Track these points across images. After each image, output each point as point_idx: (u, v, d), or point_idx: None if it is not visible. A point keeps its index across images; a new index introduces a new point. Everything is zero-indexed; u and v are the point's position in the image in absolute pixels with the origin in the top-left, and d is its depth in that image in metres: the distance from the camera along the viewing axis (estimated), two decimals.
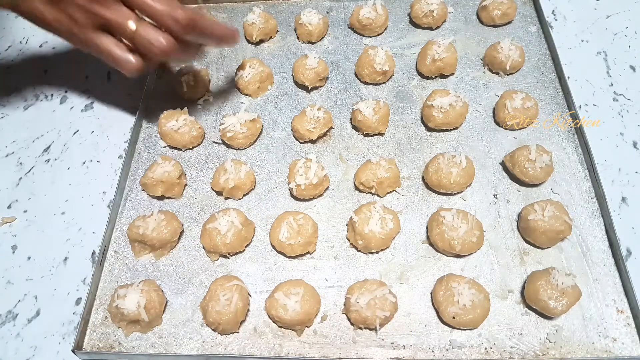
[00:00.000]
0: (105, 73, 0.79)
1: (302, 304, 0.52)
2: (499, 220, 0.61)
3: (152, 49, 0.56)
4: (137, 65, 0.58)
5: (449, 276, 0.54)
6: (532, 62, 0.74)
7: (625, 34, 0.77)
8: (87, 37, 0.57)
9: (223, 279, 0.56)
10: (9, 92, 0.79)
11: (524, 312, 0.54)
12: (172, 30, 0.55)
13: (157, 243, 0.59)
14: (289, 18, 0.83)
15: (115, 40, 0.58)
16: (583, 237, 0.58)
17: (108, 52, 0.58)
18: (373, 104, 0.67)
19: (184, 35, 0.56)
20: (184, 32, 0.56)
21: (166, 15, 0.54)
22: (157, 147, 0.70)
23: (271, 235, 0.59)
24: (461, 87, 0.73)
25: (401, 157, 0.67)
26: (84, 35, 0.57)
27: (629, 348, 0.52)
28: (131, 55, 0.58)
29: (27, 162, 0.71)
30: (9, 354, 0.56)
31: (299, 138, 0.69)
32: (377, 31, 0.79)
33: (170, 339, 0.55)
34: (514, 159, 0.62)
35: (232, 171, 0.62)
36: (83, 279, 0.60)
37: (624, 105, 0.70)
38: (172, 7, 0.54)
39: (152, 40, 0.55)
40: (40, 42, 0.84)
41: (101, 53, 0.58)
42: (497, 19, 0.77)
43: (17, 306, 0.59)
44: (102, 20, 0.56)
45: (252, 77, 0.72)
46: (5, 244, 0.64)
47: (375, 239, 0.57)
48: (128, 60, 0.58)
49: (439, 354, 0.52)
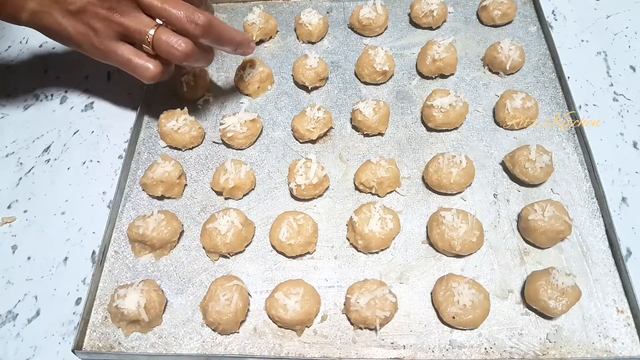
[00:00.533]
0: (105, 73, 0.79)
1: (302, 304, 0.52)
2: (499, 220, 0.61)
3: (174, 52, 0.57)
4: (155, 71, 0.60)
5: (449, 276, 0.54)
6: (532, 62, 0.74)
7: (625, 34, 0.77)
8: (107, 47, 0.59)
9: (223, 279, 0.56)
10: (9, 92, 0.79)
11: (524, 312, 0.54)
12: (191, 34, 0.56)
13: (157, 243, 0.59)
14: (289, 18, 0.83)
15: (134, 48, 0.60)
16: (583, 237, 0.58)
17: (128, 61, 0.59)
18: (373, 104, 0.67)
19: (202, 39, 0.57)
20: (203, 35, 0.57)
21: (185, 20, 0.56)
22: (157, 147, 0.70)
23: (271, 235, 0.59)
24: (461, 87, 0.73)
25: (401, 157, 0.67)
26: (103, 46, 0.59)
27: (629, 348, 0.52)
28: (150, 63, 0.59)
29: (27, 162, 0.71)
30: (9, 354, 0.56)
31: (299, 138, 0.69)
32: (377, 31, 0.79)
33: (170, 339, 0.55)
34: (514, 159, 0.62)
35: (232, 171, 0.62)
36: (83, 279, 0.60)
37: (624, 105, 0.70)
38: (190, 12, 0.56)
39: (173, 44, 0.56)
40: (40, 42, 0.84)
41: (120, 62, 0.60)
42: (497, 19, 0.77)
43: (17, 306, 0.59)
44: (122, 29, 0.58)
45: (252, 77, 0.72)
46: (5, 244, 0.64)
47: (375, 239, 0.57)
48: (147, 67, 0.60)
49: (439, 354, 0.52)
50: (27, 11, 0.58)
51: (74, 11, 0.57)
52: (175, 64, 0.62)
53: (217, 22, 0.58)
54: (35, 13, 0.58)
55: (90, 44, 0.59)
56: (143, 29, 0.57)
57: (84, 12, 0.57)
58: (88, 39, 0.59)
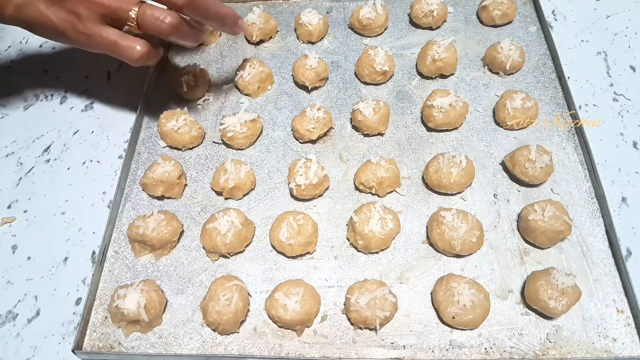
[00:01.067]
0: (105, 73, 0.79)
1: (302, 304, 0.52)
2: (499, 220, 0.61)
3: (160, 26, 0.56)
4: (142, 51, 0.58)
5: (449, 276, 0.54)
6: (532, 62, 0.74)
7: (625, 34, 0.77)
8: (91, 31, 0.58)
9: (223, 279, 0.56)
10: (9, 92, 0.79)
11: (524, 312, 0.54)
12: (175, 4, 0.55)
13: (157, 243, 0.59)
14: (289, 18, 0.83)
15: (119, 31, 0.59)
16: (583, 237, 0.58)
17: (113, 43, 0.58)
18: (373, 104, 0.67)
19: (187, 10, 0.56)
20: (188, 6, 0.56)
21: None
22: (157, 147, 0.70)
23: (271, 235, 0.59)
24: (461, 87, 0.73)
25: (401, 157, 0.67)
26: (87, 30, 0.58)
27: (629, 348, 0.52)
28: (136, 43, 0.58)
29: (27, 162, 0.71)
30: (9, 354, 0.56)
31: (299, 138, 0.69)
32: (377, 31, 0.79)
33: (170, 339, 0.55)
34: (514, 159, 0.62)
35: (232, 171, 0.62)
36: (83, 279, 0.60)
37: (624, 105, 0.70)
38: None
39: (159, 16, 0.56)
40: (40, 42, 0.84)
41: (106, 45, 0.59)
42: (497, 19, 0.77)
43: (17, 306, 0.59)
44: (105, 10, 0.57)
45: (252, 77, 0.72)
46: (5, 244, 0.64)
47: (375, 239, 0.57)
48: (133, 47, 0.58)
49: (439, 354, 0.52)
50: (12, 5, 0.58)
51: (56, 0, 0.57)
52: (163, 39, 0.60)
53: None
54: (19, 6, 0.58)
55: (75, 29, 0.58)
56: (127, 7, 0.56)
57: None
58: (72, 24, 0.58)
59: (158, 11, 0.56)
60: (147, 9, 0.56)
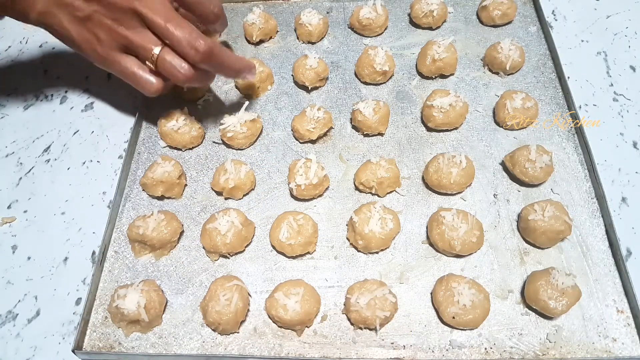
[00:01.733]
0: (105, 73, 0.79)
1: (302, 304, 0.52)
2: (499, 220, 0.61)
3: (176, 75, 0.57)
4: (158, 86, 0.61)
5: (449, 276, 0.54)
6: (532, 62, 0.74)
7: (625, 34, 0.77)
8: (110, 57, 0.59)
9: (223, 279, 0.56)
10: (9, 92, 0.79)
11: (524, 312, 0.54)
12: (191, 59, 0.57)
13: (157, 243, 0.59)
14: (289, 18, 0.83)
15: (138, 61, 0.60)
16: (583, 237, 0.58)
17: (132, 74, 0.60)
18: (373, 104, 0.67)
19: (202, 65, 0.58)
20: (203, 62, 0.57)
21: (186, 44, 0.56)
22: (157, 147, 0.70)
23: (271, 235, 0.59)
24: (461, 87, 0.73)
25: (401, 157, 0.67)
26: (107, 55, 0.59)
27: (629, 348, 0.52)
28: (153, 77, 0.60)
29: (27, 162, 0.71)
30: (9, 354, 0.56)
31: (299, 138, 0.69)
32: (377, 31, 0.79)
33: (170, 339, 0.55)
34: (514, 159, 0.62)
35: (232, 171, 0.62)
36: (83, 279, 0.60)
37: (624, 105, 0.70)
38: (193, 37, 0.56)
39: (176, 66, 0.57)
40: (40, 42, 0.84)
41: (124, 73, 0.61)
42: (497, 19, 0.77)
43: (17, 306, 0.59)
44: (127, 42, 0.58)
45: None
46: (5, 244, 0.64)
47: (375, 239, 0.57)
48: (151, 82, 0.60)
49: (439, 354, 0.52)
50: (36, 11, 0.59)
51: (80, 17, 0.58)
52: None
53: (218, 50, 0.58)
54: (43, 13, 0.59)
55: (94, 50, 0.60)
56: (148, 46, 0.57)
57: (89, 20, 0.58)
58: (92, 45, 0.59)
59: (177, 60, 0.57)
60: (167, 55, 0.57)
